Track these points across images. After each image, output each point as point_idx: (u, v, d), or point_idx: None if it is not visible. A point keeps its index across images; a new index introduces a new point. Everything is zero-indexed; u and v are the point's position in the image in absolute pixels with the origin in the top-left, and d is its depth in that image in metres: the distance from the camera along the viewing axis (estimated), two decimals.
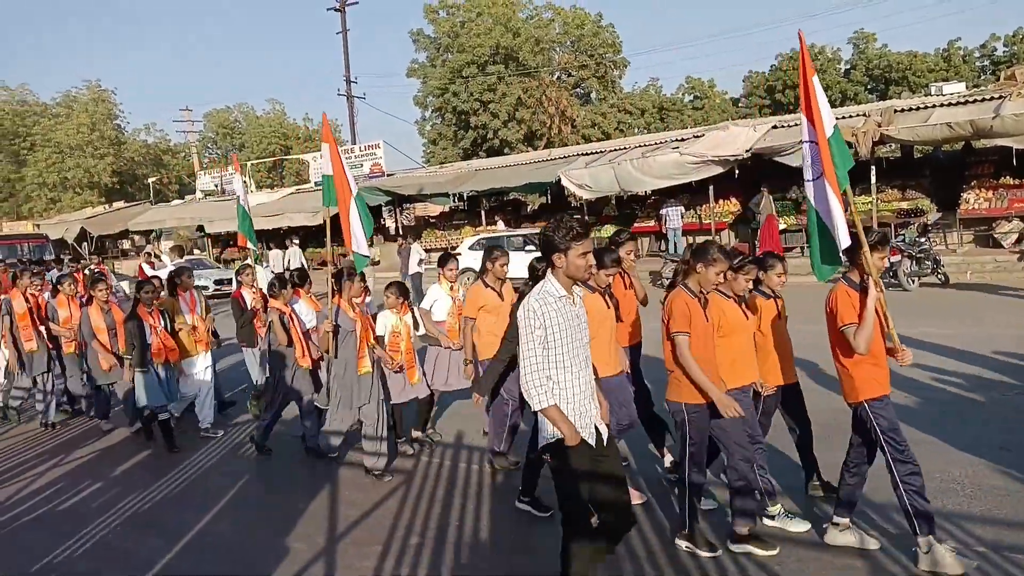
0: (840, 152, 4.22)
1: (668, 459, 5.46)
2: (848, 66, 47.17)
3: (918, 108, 16.79)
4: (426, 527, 4.96)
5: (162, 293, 7.46)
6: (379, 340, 6.27)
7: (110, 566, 4.75)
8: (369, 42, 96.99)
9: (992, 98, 15.52)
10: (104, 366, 7.39)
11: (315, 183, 29.50)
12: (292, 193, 29.60)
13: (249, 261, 10.38)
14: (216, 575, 4.56)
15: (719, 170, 17.41)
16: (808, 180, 4.37)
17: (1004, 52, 41.63)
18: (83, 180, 46.77)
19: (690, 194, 19.73)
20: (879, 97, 41.11)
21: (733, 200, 19.10)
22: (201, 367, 7.48)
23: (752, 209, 17.43)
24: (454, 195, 23.70)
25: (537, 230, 20.54)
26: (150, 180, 45.31)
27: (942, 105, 16.36)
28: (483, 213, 24.12)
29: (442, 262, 6.70)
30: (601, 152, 20.97)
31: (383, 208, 25.98)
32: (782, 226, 17.17)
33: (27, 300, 8.33)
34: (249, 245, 9.51)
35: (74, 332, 8.02)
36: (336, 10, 32.66)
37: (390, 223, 26.78)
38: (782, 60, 47.57)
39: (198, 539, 5.04)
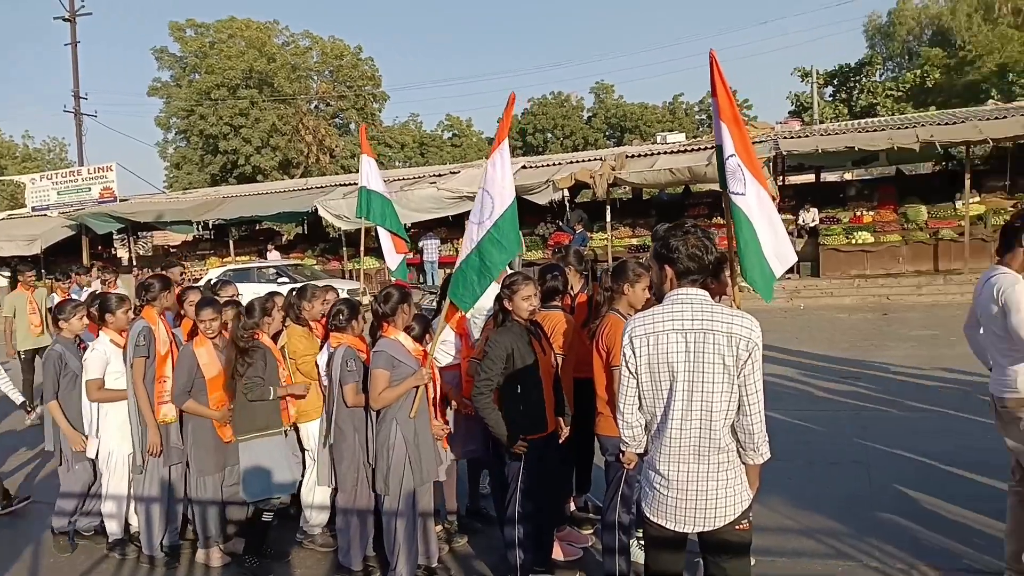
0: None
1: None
2: (590, 114, 51.50)
3: (646, 155, 18.58)
4: None
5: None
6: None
7: None
8: (105, 57, 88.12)
9: (707, 148, 17.60)
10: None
11: (32, 208, 25.70)
12: (2, 219, 25.60)
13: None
14: None
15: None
16: (737, 194, 3.95)
17: None
18: None
19: (447, 228, 20.11)
20: (615, 143, 45.30)
21: None
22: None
23: None
24: (198, 223, 21.97)
25: (295, 261, 19.69)
26: None
27: (666, 152, 18.27)
28: (231, 243, 22.59)
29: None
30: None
31: (114, 236, 23.39)
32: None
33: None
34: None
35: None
36: (65, 20, 28.99)
37: (122, 253, 24.18)
38: (534, 104, 50.78)
39: None
